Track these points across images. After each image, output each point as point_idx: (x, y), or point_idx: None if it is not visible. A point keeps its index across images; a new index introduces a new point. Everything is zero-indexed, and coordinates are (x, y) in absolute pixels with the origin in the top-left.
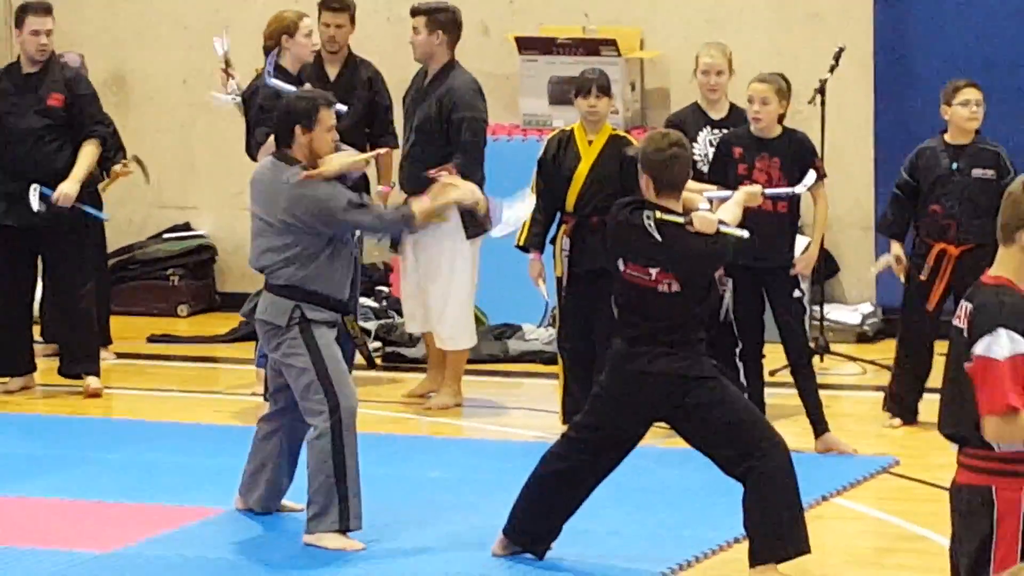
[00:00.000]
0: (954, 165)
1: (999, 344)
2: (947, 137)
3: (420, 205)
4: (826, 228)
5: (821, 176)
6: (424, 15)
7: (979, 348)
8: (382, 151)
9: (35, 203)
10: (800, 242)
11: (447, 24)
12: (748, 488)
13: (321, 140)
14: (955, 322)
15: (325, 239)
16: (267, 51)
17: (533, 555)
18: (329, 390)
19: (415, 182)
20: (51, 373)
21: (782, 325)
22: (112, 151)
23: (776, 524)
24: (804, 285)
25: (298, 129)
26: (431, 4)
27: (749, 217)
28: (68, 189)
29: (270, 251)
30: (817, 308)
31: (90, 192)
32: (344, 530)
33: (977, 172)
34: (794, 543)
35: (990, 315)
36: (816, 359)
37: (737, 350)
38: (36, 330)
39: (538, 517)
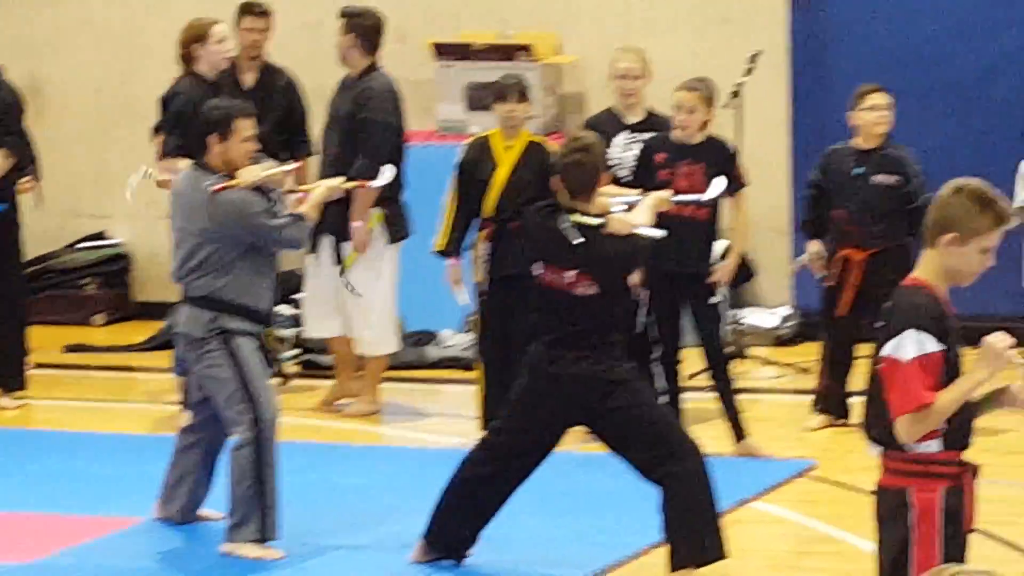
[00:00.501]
0: (859, 170)
1: (905, 345)
2: (855, 141)
3: (306, 206)
4: (745, 237)
5: (741, 184)
6: (344, 17)
7: (887, 349)
8: (299, 164)
9: None
10: (719, 246)
11: (360, 28)
12: (665, 492)
13: (237, 150)
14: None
15: (243, 247)
16: (183, 59)
17: (452, 560)
18: (251, 401)
19: None
20: None
21: (700, 331)
22: (24, 162)
23: (694, 528)
24: (722, 290)
25: (213, 138)
26: (353, 8)
27: (668, 223)
28: None
29: (189, 261)
30: (734, 312)
31: None
32: (263, 539)
33: (880, 178)
34: (712, 547)
35: (902, 317)
36: (735, 363)
37: (653, 355)
38: None
39: (457, 522)
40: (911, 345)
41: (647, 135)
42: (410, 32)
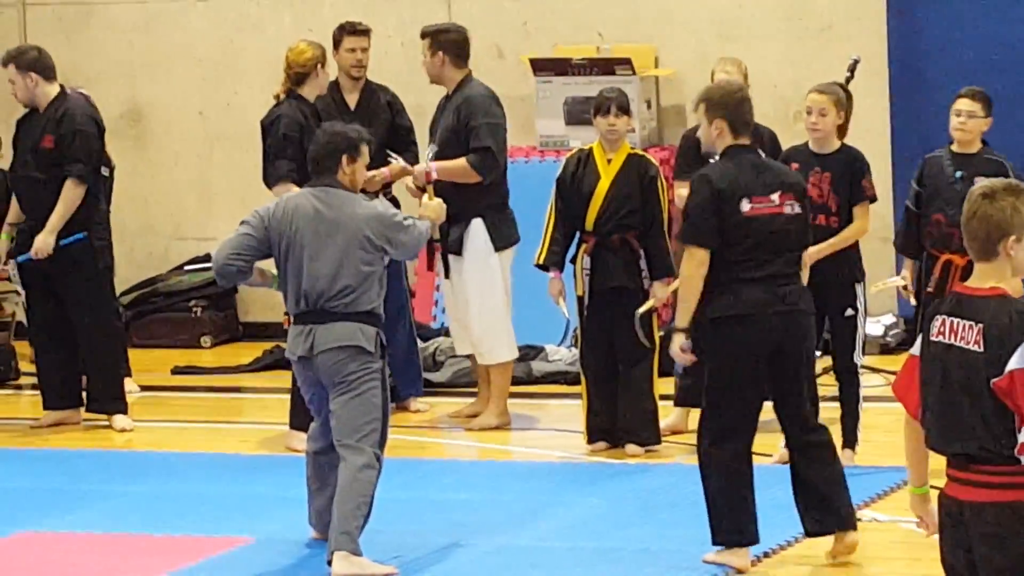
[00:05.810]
0: (958, 174)
1: None
2: (954, 147)
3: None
4: (844, 244)
5: (866, 197)
6: (427, 37)
7: (1015, 362)
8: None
9: (18, 284)
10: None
11: (447, 44)
12: (804, 458)
13: (361, 172)
14: (949, 340)
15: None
16: (299, 78)
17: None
18: (385, 426)
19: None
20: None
21: (834, 341)
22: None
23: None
24: (860, 301)
25: (345, 158)
26: (434, 26)
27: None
28: (40, 244)
29: (348, 277)
30: None
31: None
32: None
33: (980, 180)
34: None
35: (1013, 329)
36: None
37: None
38: None
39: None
40: None
41: None
42: (506, 49)
